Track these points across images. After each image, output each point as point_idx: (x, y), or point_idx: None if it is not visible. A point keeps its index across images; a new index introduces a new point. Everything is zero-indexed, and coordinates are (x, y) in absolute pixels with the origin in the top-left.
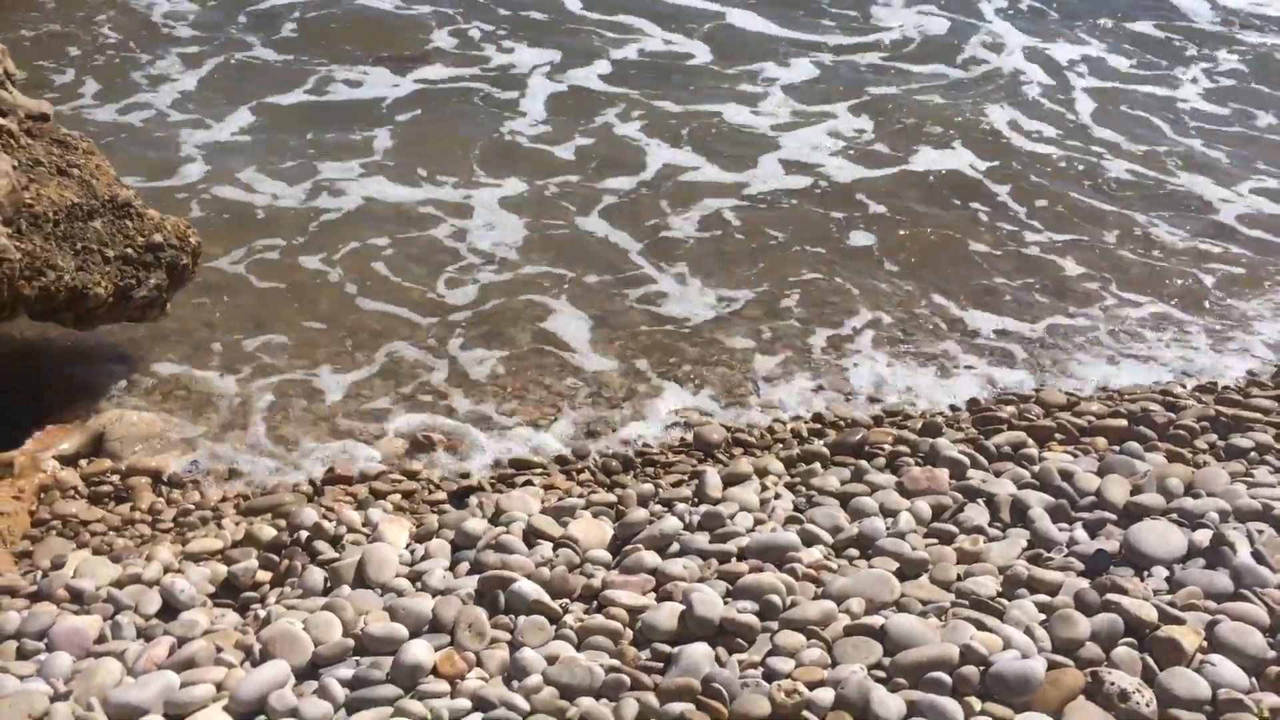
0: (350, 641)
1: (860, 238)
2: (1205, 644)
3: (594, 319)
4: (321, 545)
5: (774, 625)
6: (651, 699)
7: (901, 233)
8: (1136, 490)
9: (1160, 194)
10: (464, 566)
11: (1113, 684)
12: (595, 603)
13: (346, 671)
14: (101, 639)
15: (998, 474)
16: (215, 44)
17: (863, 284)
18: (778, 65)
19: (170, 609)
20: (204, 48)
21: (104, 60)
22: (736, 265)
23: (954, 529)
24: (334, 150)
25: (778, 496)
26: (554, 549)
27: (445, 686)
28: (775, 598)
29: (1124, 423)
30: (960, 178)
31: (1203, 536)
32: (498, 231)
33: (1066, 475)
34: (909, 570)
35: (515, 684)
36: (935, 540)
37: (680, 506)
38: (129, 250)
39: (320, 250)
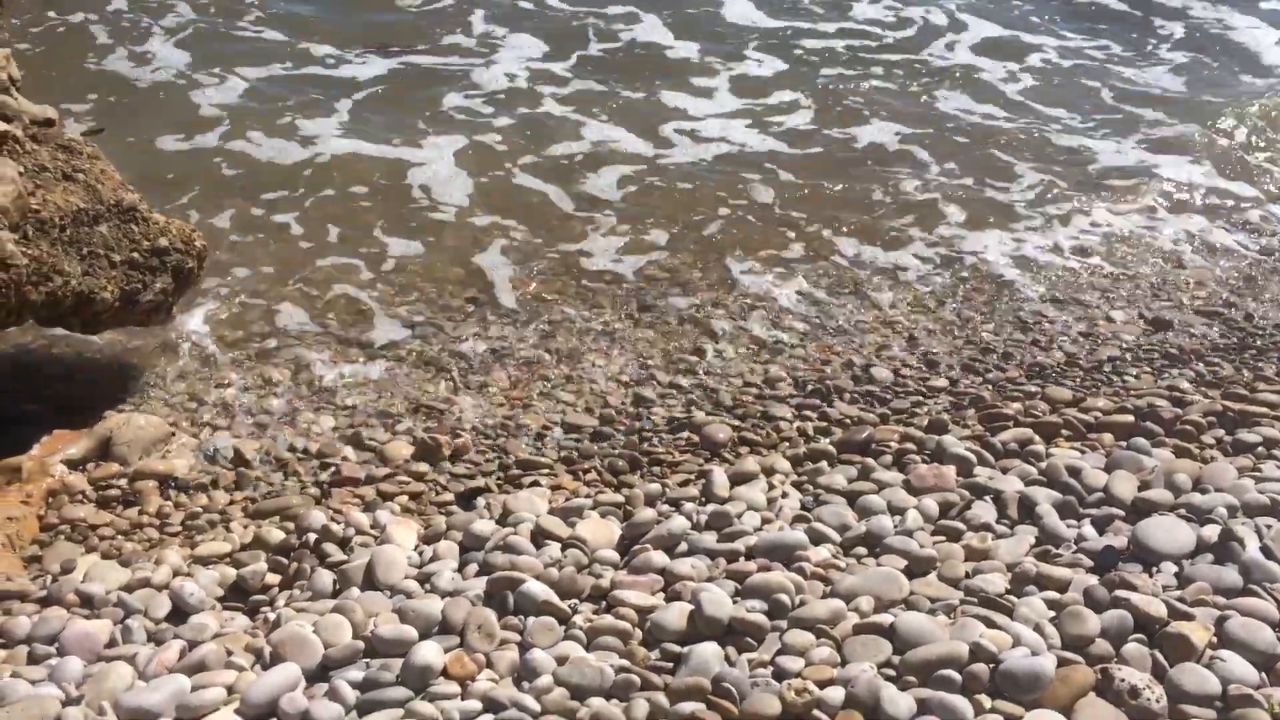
0: (360, 644)
1: (764, 193)
2: (1215, 640)
3: (519, 264)
4: (330, 548)
5: (783, 624)
6: (662, 699)
7: (805, 191)
8: (1144, 486)
9: (1070, 157)
10: (472, 568)
11: (1123, 680)
12: (604, 603)
13: (357, 674)
14: (112, 643)
15: (1005, 471)
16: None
17: (764, 229)
18: (745, 52)
19: (180, 612)
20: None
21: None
22: (652, 218)
23: (962, 526)
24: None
25: (785, 495)
26: (562, 549)
27: (455, 688)
28: (784, 597)
29: (1131, 418)
30: (883, 149)
31: (1211, 532)
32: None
33: (1074, 471)
34: (917, 568)
35: (525, 685)
36: (943, 538)
37: (688, 506)
38: (135, 255)
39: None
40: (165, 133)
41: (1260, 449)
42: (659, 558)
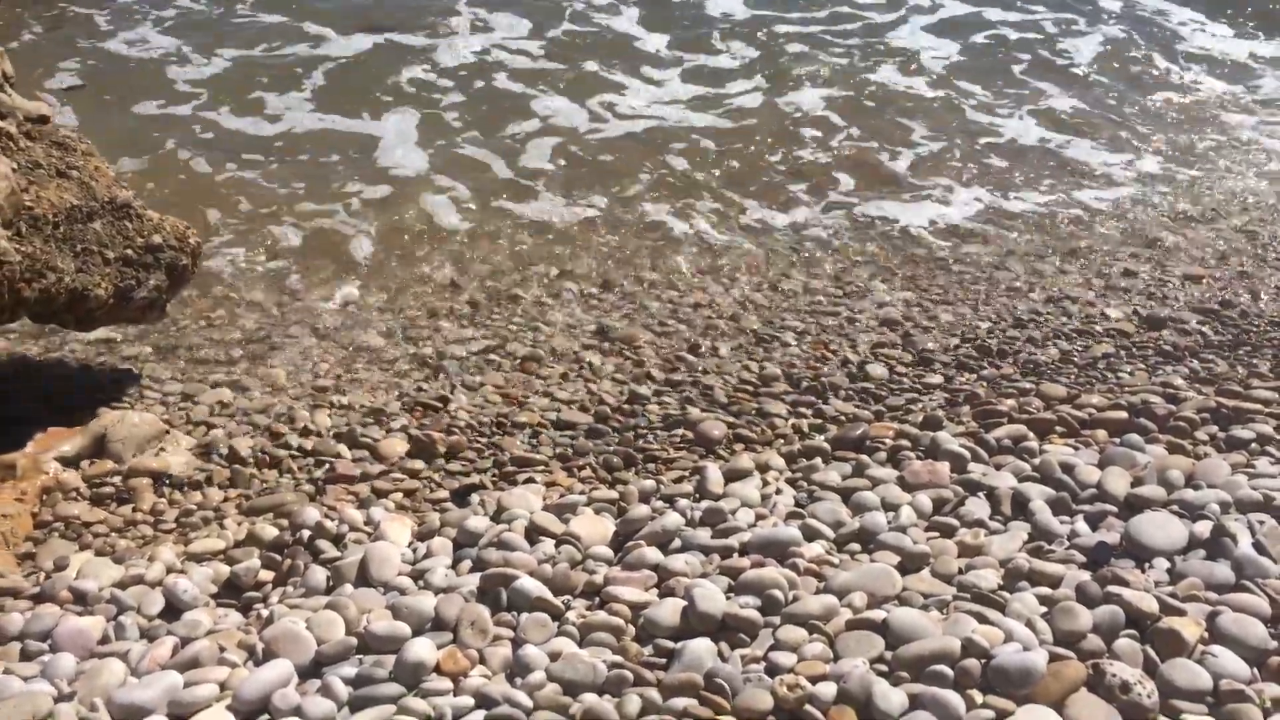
0: (353, 640)
1: (681, 162)
2: (1206, 635)
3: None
4: (324, 544)
5: (776, 620)
6: (654, 695)
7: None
8: (1137, 482)
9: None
10: (466, 564)
11: (1114, 676)
12: (597, 599)
13: (349, 670)
14: (105, 640)
15: (998, 467)
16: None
17: (675, 188)
18: (713, 41)
19: (173, 609)
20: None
21: None
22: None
23: (955, 522)
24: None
25: (779, 492)
26: (556, 546)
27: (448, 684)
28: (777, 593)
29: (1124, 415)
30: (809, 116)
31: (1204, 528)
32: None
33: (1067, 468)
34: (910, 564)
35: (518, 681)
36: (936, 534)
37: (682, 502)
38: (129, 251)
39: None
40: (144, 99)
41: (1253, 445)
42: (653, 554)
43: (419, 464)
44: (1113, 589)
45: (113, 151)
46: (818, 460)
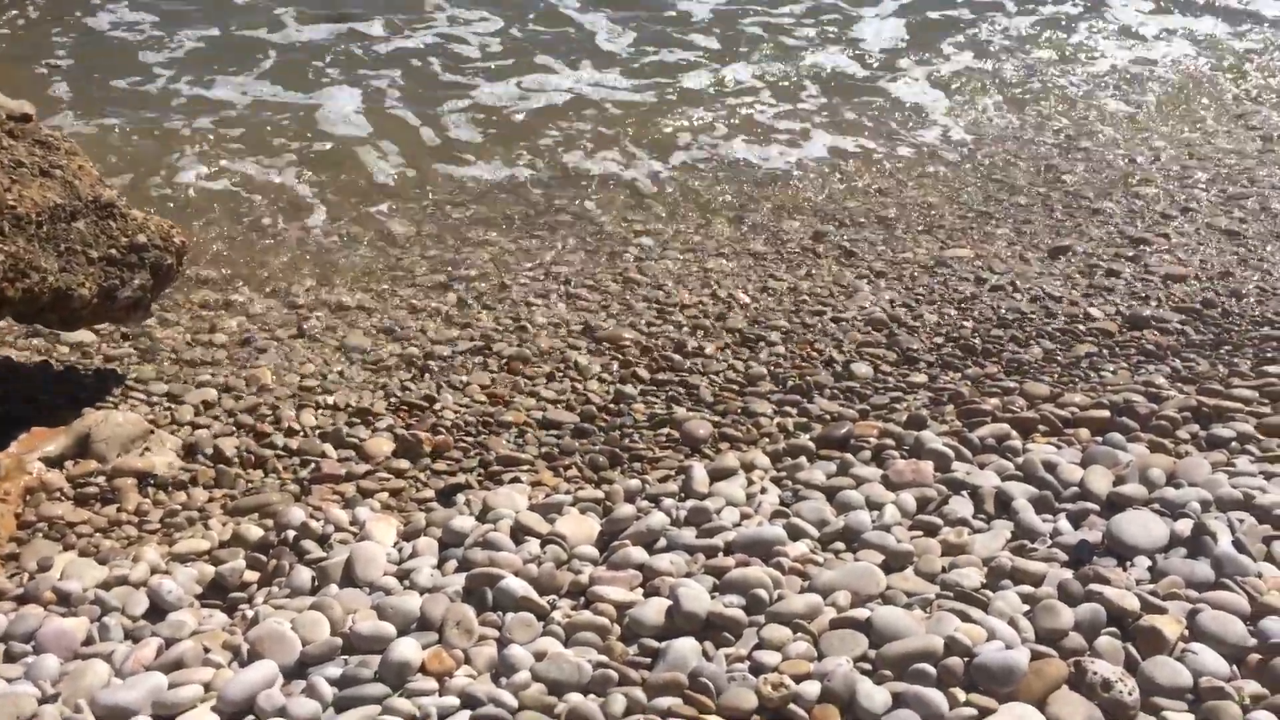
0: (338, 640)
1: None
2: (1187, 633)
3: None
4: (309, 544)
5: (760, 619)
6: (639, 694)
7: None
8: (1119, 481)
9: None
10: (452, 564)
11: (1096, 673)
12: (583, 599)
13: (335, 670)
14: (89, 641)
15: (982, 466)
16: None
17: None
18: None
19: (158, 610)
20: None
21: None
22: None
23: (939, 521)
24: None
25: (764, 491)
26: (541, 546)
27: (433, 684)
28: (762, 592)
29: (1107, 414)
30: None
31: (1184, 526)
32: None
33: (1050, 466)
34: (894, 563)
35: (503, 681)
36: (920, 532)
37: (667, 502)
38: (113, 251)
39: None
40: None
41: (1234, 444)
42: (638, 553)
43: (405, 463)
44: (1094, 587)
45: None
46: (803, 459)
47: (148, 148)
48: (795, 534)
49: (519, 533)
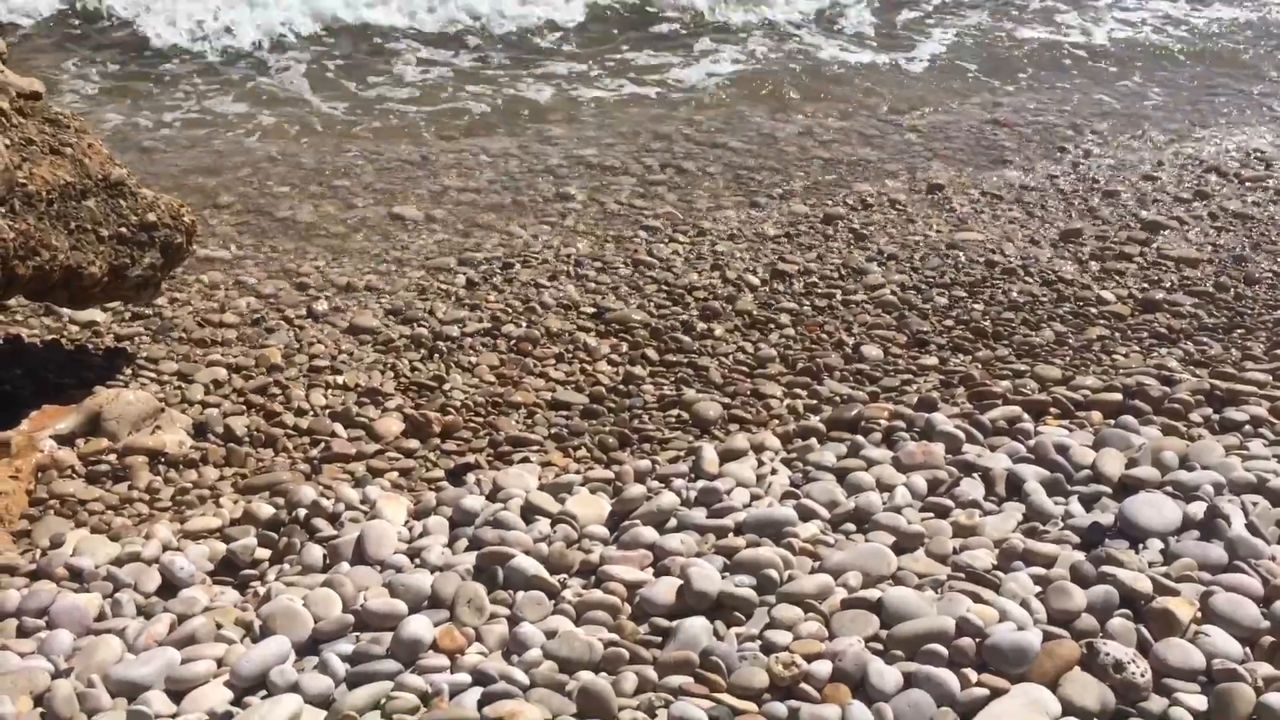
0: (350, 617)
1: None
2: (1200, 615)
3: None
4: (320, 523)
5: (771, 599)
6: (650, 672)
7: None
8: (1132, 464)
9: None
10: (462, 543)
11: (1108, 655)
12: (593, 578)
13: (346, 647)
14: (101, 616)
15: (993, 448)
16: None
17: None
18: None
19: (170, 586)
20: None
21: None
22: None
23: (950, 503)
24: None
25: (774, 472)
26: (552, 525)
27: (445, 661)
28: (772, 572)
29: (1119, 397)
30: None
31: (1197, 509)
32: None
33: (1062, 449)
34: (905, 544)
35: (515, 658)
36: (931, 514)
37: (677, 482)
38: (123, 229)
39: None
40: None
41: (1247, 427)
42: (648, 533)
43: (414, 443)
44: (1107, 569)
45: None
46: (813, 441)
47: None
48: (806, 515)
49: (529, 512)
